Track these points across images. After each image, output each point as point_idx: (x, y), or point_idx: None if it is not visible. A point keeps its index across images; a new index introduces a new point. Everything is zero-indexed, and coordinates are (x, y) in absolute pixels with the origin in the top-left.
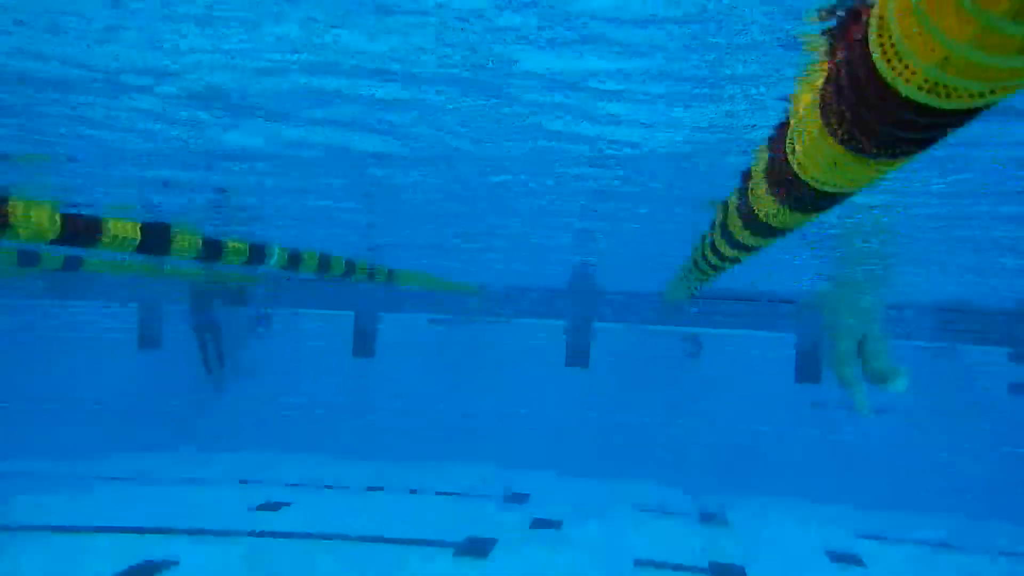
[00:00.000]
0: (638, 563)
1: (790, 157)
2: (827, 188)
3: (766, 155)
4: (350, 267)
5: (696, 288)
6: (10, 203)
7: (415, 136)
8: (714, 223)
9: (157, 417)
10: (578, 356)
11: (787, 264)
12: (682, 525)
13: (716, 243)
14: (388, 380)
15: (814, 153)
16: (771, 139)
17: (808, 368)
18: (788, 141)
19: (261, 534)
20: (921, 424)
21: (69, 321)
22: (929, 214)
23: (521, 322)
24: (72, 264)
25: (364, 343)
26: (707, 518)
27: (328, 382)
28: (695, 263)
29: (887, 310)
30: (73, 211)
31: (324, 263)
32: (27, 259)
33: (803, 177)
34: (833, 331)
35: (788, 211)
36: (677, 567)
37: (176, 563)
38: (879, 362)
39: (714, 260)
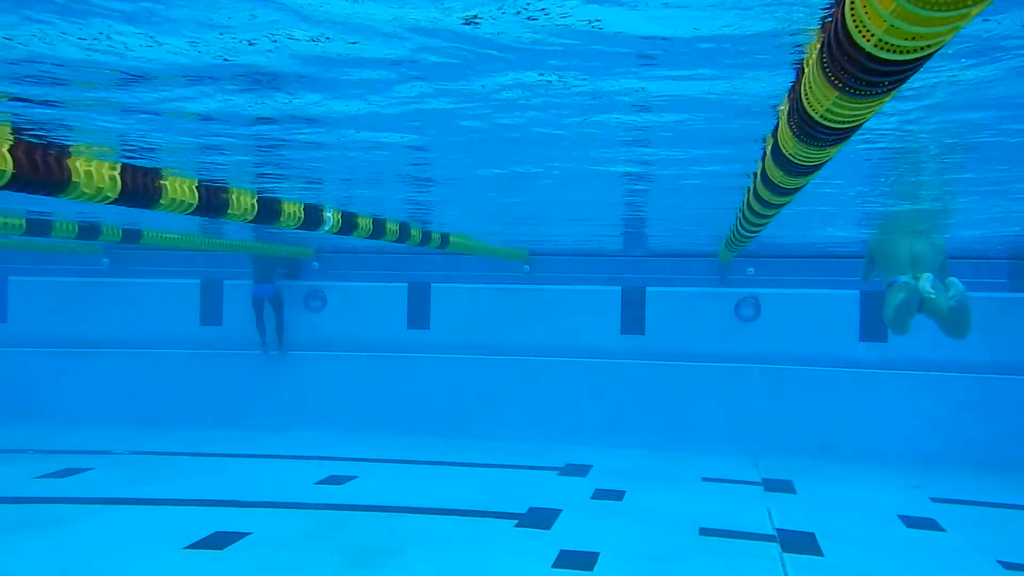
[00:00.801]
0: (703, 532)
1: (803, 100)
2: (831, 123)
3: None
4: (404, 232)
5: (745, 244)
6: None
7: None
8: (755, 173)
9: (217, 394)
10: (634, 323)
11: (844, 215)
12: (748, 493)
13: (757, 189)
14: (443, 352)
15: (818, 94)
16: (791, 88)
17: (873, 326)
18: (802, 87)
19: (327, 506)
20: (996, 383)
21: (132, 297)
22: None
23: (575, 288)
24: (132, 237)
25: (418, 315)
26: (773, 485)
27: (383, 357)
28: (742, 216)
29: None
30: None
31: (378, 227)
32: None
33: (813, 115)
34: (890, 285)
35: (806, 147)
36: (743, 535)
37: (249, 533)
38: (940, 302)
39: (758, 208)
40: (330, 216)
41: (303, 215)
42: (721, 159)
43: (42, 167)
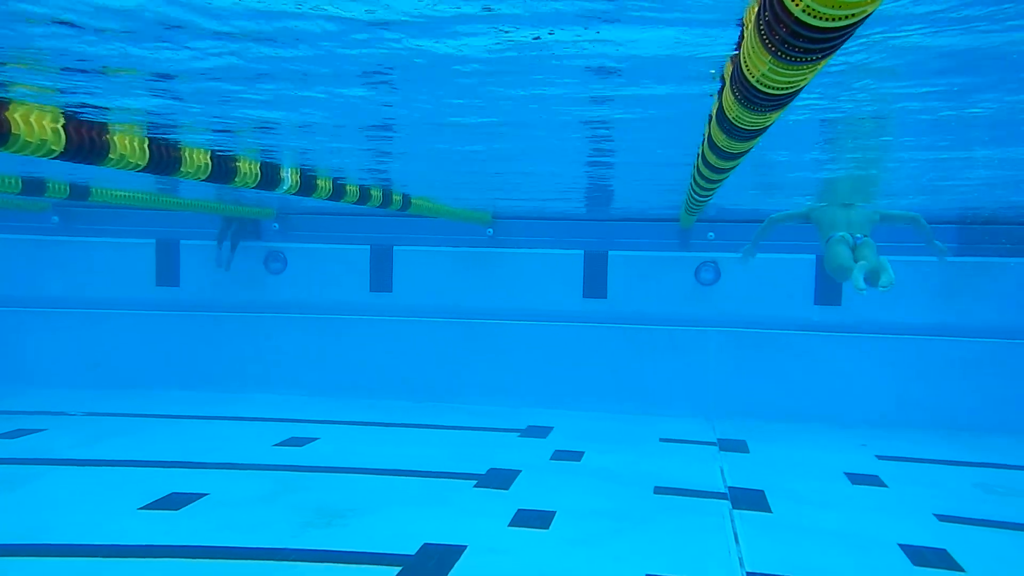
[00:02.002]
0: (658, 490)
1: (743, 66)
2: (769, 90)
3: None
4: (364, 194)
5: (701, 207)
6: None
7: None
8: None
9: (175, 356)
10: (596, 287)
11: (796, 179)
12: (703, 453)
13: (704, 154)
14: (406, 316)
15: (756, 61)
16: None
17: (827, 290)
18: (742, 54)
19: (287, 468)
20: (944, 343)
21: (85, 258)
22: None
23: (536, 252)
24: (80, 193)
25: (381, 278)
26: (728, 445)
27: (345, 320)
28: (694, 179)
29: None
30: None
31: (338, 189)
32: (33, 187)
33: (751, 81)
34: (829, 240)
35: (746, 112)
36: (696, 492)
37: (206, 494)
38: (869, 263)
39: (707, 173)
40: (288, 176)
41: (260, 174)
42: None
43: None
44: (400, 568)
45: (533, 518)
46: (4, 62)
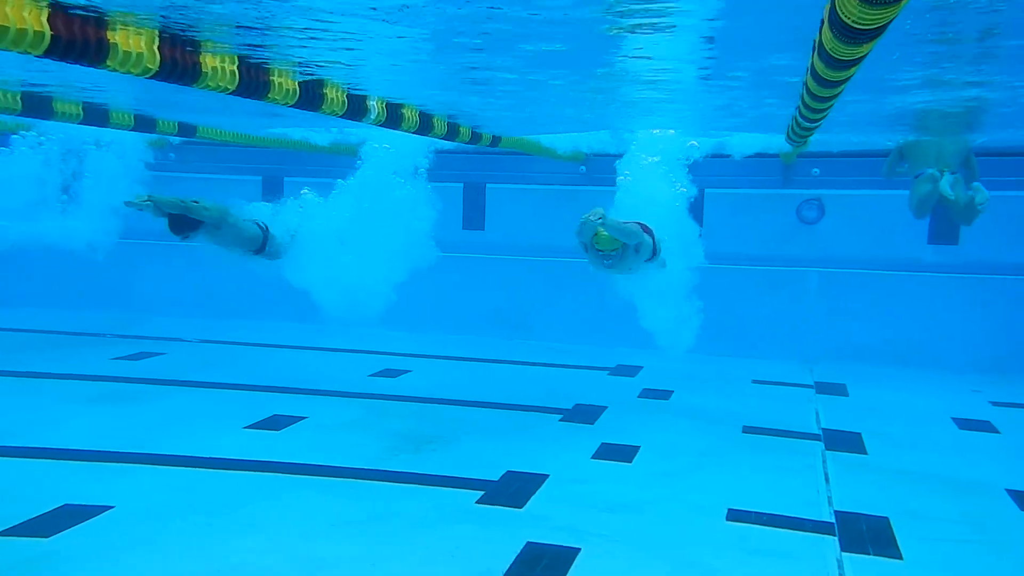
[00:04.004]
0: (746, 429)
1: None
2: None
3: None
4: (452, 129)
5: (804, 141)
6: None
7: None
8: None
9: (285, 289)
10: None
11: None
12: (798, 395)
13: (809, 84)
14: (499, 254)
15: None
16: None
17: (944, 228)
18: None
19: (380, 396)
20: None
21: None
22: None
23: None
24: (188, 131)
25: (474, 215)
26: (825, 388)
27: (440, 257)
28: (798, 110)
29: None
30: None
31: (425, 122)
32: (144, 124)
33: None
34: (916, 173)
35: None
36: (787, 433)
37: (305, 417)
38: (958, 196)
39: (811, 103)
40: (374, 105)
41: (347, 103)
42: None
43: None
44: (482, 492)
45: (617, 452)
46: None
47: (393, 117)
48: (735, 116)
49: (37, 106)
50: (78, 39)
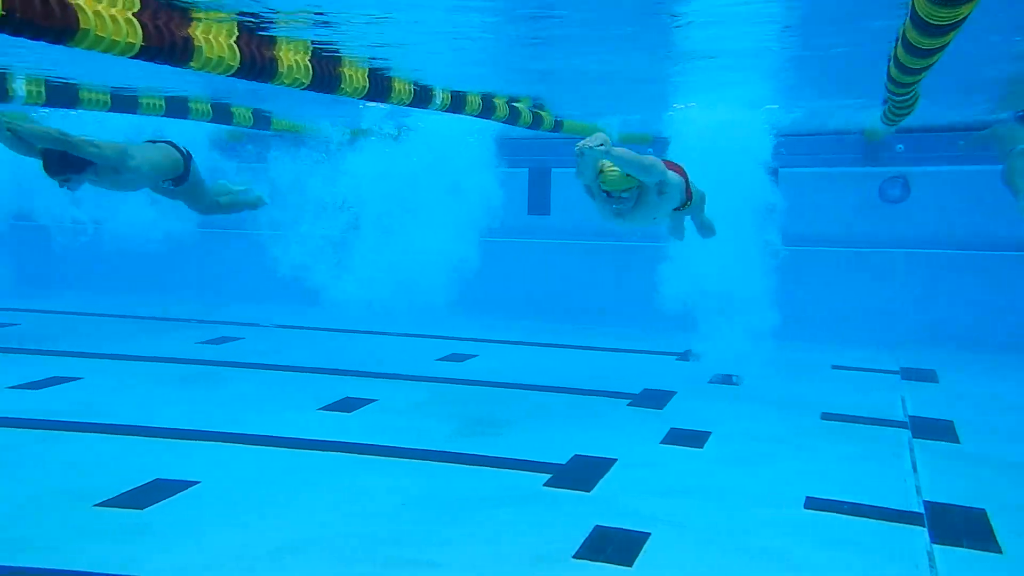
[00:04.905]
0: (825, 416)
1: None
2: None
3: None
4: (514, 113)
5: (897, 117)
6: None
7: None
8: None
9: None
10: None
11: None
12: (882, 382)
13: (898, 54)
14: (564, 239)
15: None
16: None
17: None
18: None
19: (447, 380)
20: None
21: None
22: None
23: None
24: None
25: (540, 200)
26: (912, 375)
27: (505, 242)
28: (890, 81)
29: None
30: None
31: (488, 105)
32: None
33: None
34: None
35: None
36: (870, 420)
37: (375, 400)
38: None
39: (899, 76)
40: (439, 93)
41: (413, 92)
42: None
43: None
44: (550, 475)
45: (687, 437)
46: None
47: (457, 102)
48: (817, 91)
49: (122, 103)
50: (166, 41)
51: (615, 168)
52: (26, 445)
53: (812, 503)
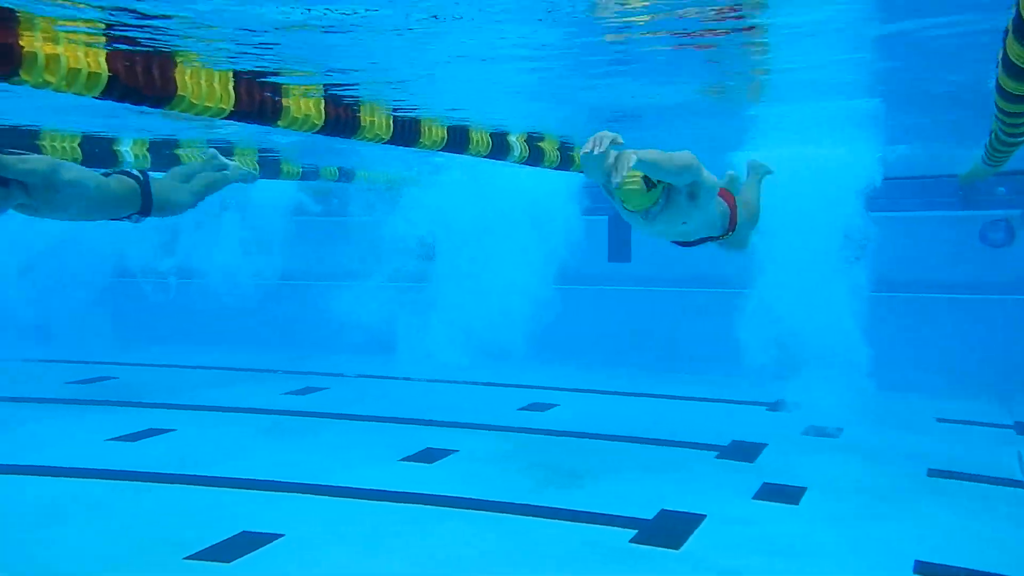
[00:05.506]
0: (932, 472)
1: None
2: None
3: None
4: None
5: (999, 161)
6: None
7: None
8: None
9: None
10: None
11: None
12: (994, 436)
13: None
14: (645, 286)
15: None
16: None
17: None
18: None
19: (528, 430)
20: None
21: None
22: None
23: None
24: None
25: (620, 248)
26: None
27: (585, 289)
28: (995, 131)
29: None
30: None
31: (566, 158)
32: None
33: None
34: None
35: None
36: (984, 479)
37: (456, 451)
38: None
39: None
40: (516, 142)
41: (491, 142)
42: None
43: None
44: (636, 531)
45: (780, 492)
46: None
47: (535, 154)
48: (916, 132)
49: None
50: (256, 103)
51: (635, 181)
52: (120, 497)
53: (923, 568)
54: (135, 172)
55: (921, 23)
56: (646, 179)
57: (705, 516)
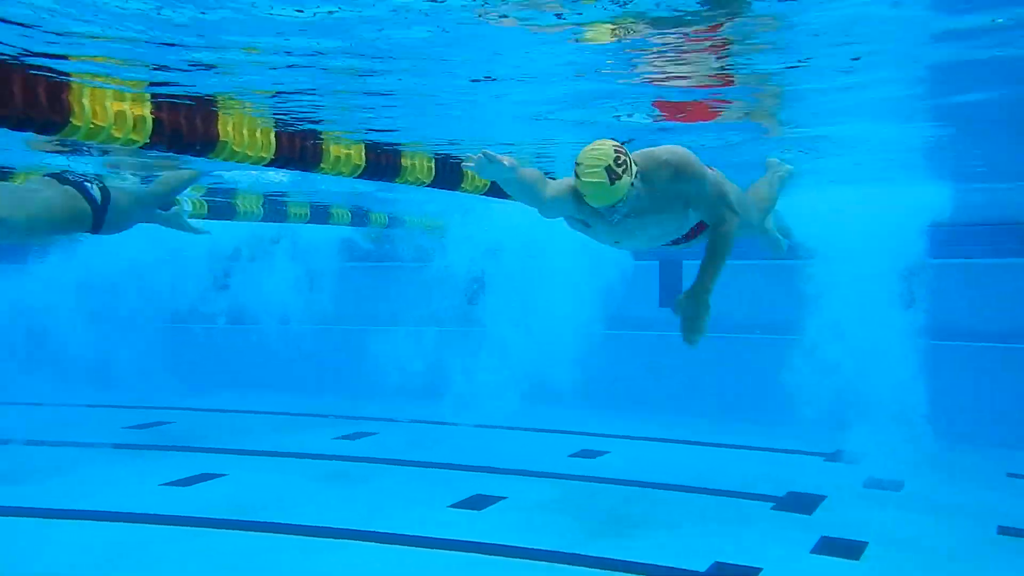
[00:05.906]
0: (1003, 531)
1: None
2: None
3: None
4: None
5: None
6: None
7: None
8: None
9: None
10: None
11: None
12: None
13: None
14: None
15: None
16: None
17: None
18: None
19: (579, 477)
20: None
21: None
22: None
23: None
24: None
25: (671, 293)
26: None
27: (636, 335)
28: None
29: None
30: None
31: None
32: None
33: None
34: None
35: None
36: None
37: (505, 498)
38: None
39: None
40: None
41: None
42: None
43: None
44: None
45: (840, 547)
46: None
47: None
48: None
49: (272, 211)
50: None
51: (593, 173)
52: (173, 541)
53: None
54: (91, 189)
55: None
56: (608, 170)
57: (761, 570)
